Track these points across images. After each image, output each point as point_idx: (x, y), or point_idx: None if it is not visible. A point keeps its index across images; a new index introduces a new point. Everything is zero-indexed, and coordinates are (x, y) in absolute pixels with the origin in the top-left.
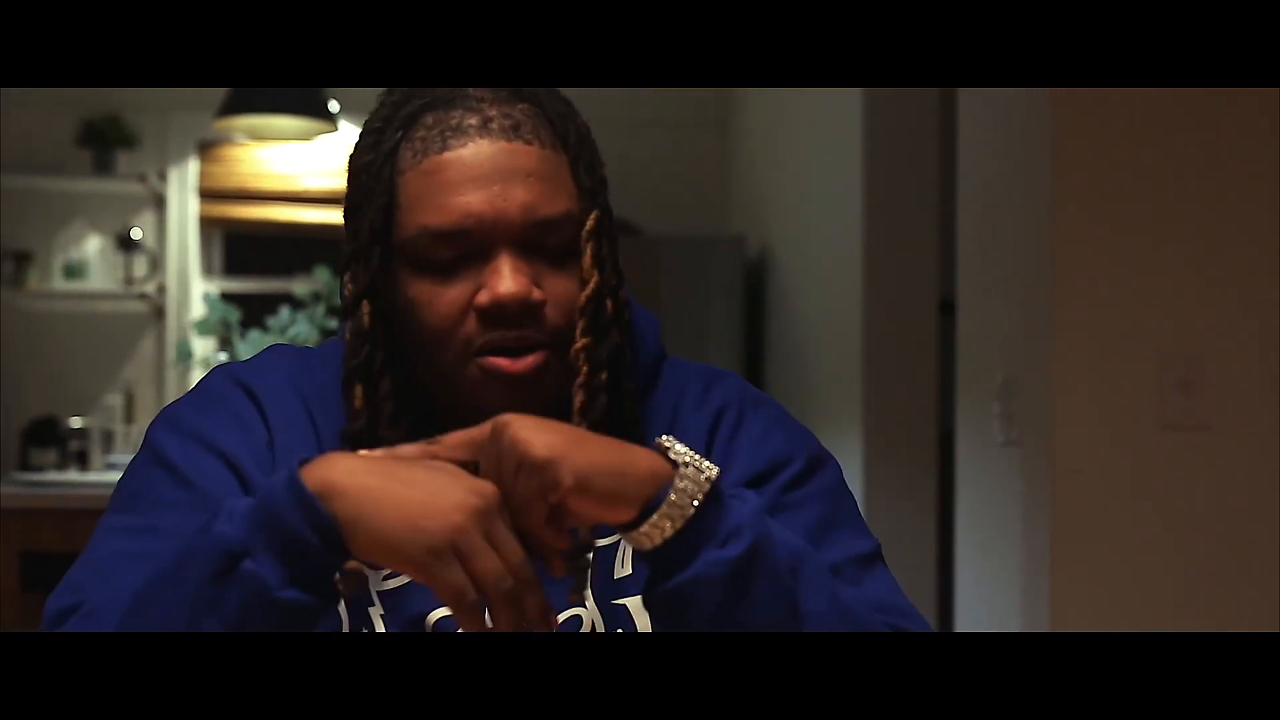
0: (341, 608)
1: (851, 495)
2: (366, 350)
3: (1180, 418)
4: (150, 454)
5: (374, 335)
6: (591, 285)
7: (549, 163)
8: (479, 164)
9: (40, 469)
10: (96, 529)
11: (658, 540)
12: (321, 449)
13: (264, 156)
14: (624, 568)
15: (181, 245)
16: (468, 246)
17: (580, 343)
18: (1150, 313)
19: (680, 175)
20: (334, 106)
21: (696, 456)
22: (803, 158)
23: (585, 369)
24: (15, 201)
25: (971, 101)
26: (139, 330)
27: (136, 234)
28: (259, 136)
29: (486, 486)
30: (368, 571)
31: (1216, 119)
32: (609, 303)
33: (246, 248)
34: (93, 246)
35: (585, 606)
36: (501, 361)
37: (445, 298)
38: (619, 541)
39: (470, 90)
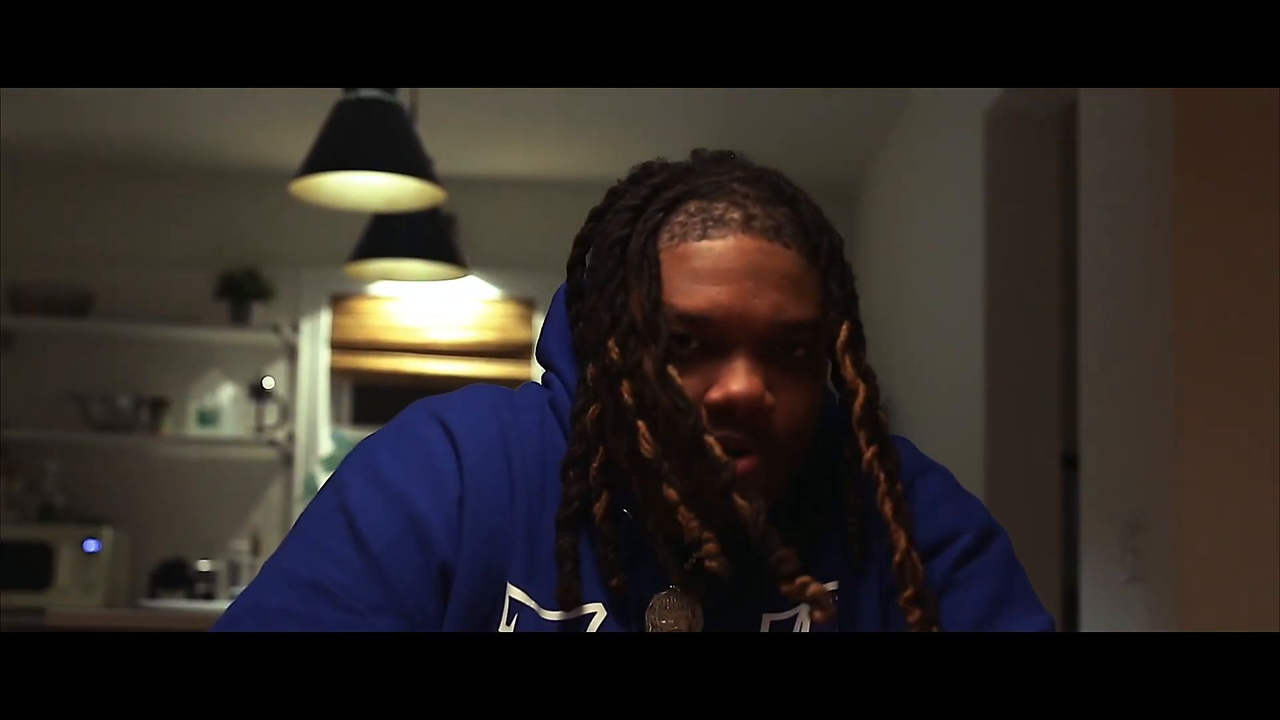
0: None
1: (1022, 568)
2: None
3: None
4: (336, 494)
5: (628, 409)
6: (863, 393)
7: (802, 269)
8: (736, 258)
9: None
10: (270, 563)
11: None
12: (514, 504)
13: (393, 310)
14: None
15: (311, 394)
16: (709, 336)
17: (869, 452)
18: (1277, 442)
19: None
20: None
21: None
22: (925, 310)
23: (884, 477)
24: (155, 351)
25: (1091, 252)
26: (268, 477)
27: (269, 383)
28: (391, 280)
29: None
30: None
31: None
32: (882, 413)
33: (374, 398)
34: (226, 395)
35: None
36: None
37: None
38: (794, 616)
39: (734, 184)
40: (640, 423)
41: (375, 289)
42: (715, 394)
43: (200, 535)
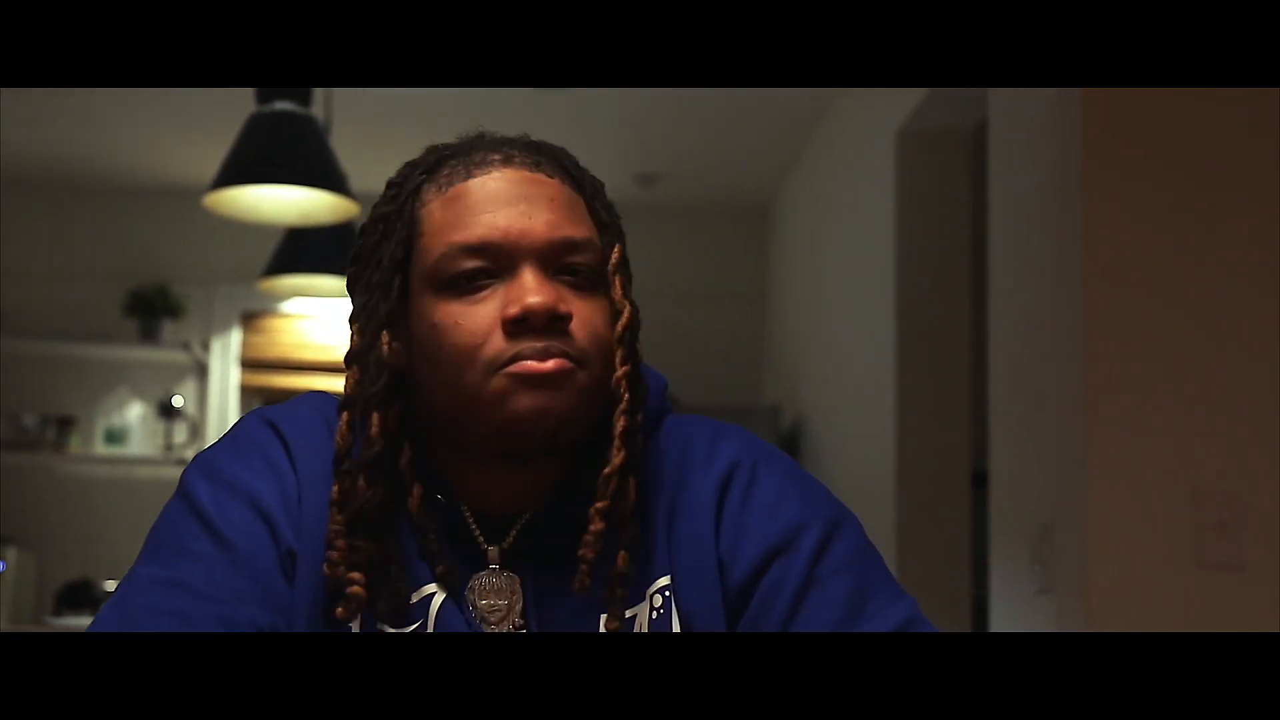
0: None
1: (876, 551)
2: (385, 379)
3: (1215, 557)
4: (184, 501)
5: (392, 364)
6: (626, 315)
7: (569, 195)
8: (504, 188)
9: None
10: (129, 575)
11: None
12: None
13: (304, 328)
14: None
15: (222, 412)
16: (494, 261)
17: (621, 370)
18: (1185, 451)
19: (717, 347)
20: None
21: None
22: (836, 329)
23: (628, 396)
24: (62, 368)
25: (1001, 269)
26: None
27: (178, 401)
28: (304, 296)
29: None
30: (387, 631)
31: (1250, 261)
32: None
33: None
34: (134, 413)
35: None
36: (529, 364)
37: (473, 317)
38: (634, 617)
39: (489, 143)
40: (375, 414)
41: (287, 306)
42: (511, 309)
43: (108, 555)
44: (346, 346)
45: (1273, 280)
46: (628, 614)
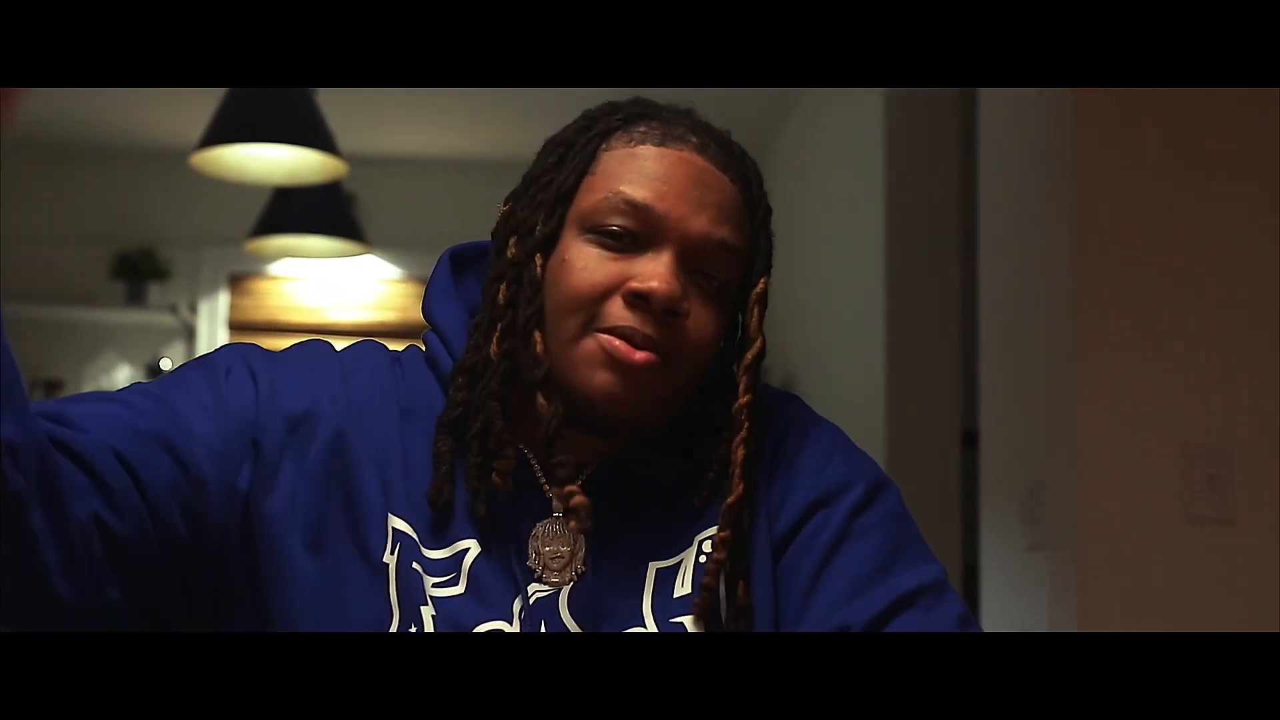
0: (394, 602)
1: (913, 520)
2: (540, 300)
3: (1206, 511)
4: (204, 357)
5: (544, 287)
6: (757, 346)
7: (739, 207)
8: (687, 171)
9: None
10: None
11: None
12: (401, 434)
13: (292, 290)
14: (683, 587)
15: None
16: (645, 227)
17: (743, 399)
18: (1174, 406)
19: None
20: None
21: None
22: (825, 289)
23: (748, 424)
24: (48, 332)
25: (991, 228)
26: None
27: (165, 364)
28: (292, 257)
29: None
30: (422, 573)
31: (1236, 215)
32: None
33: None
34: (122, 376)
35: (644, 626)
36: (621, 345)
37: (601, 269)
38: (680, 563)
39: (691, 121)
40: (536, 333)
41: (275, 269)
42: (638, 283)
43: None
44: (503, 260)
45: (1260, 238)
46: (674, 560)
